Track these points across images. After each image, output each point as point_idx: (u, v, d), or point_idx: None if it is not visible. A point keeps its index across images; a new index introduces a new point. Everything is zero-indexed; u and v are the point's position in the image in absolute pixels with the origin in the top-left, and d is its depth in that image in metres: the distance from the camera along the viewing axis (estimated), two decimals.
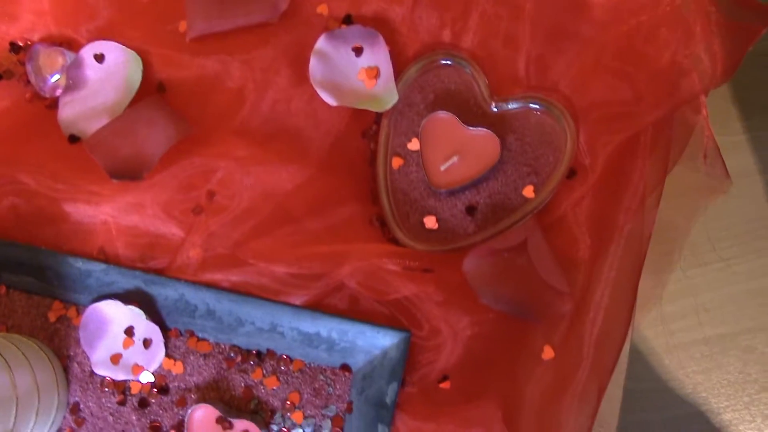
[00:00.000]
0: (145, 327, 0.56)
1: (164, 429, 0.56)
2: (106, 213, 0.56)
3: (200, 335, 0.57)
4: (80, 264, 0.57)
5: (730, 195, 1.15)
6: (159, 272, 0.57)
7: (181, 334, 0.57)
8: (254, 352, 0.56)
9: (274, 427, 0.55)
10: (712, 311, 1.15)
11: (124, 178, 0.54)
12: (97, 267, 0.57)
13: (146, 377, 0.56)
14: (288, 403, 0.55)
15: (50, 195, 0.56)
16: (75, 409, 0.57)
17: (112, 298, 0.56)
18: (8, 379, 0.51)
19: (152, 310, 0.56)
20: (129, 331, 0.57)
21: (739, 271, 1.16)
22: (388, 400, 0.53)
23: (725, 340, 1.15)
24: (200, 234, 0.55)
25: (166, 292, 0.56)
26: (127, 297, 0.56)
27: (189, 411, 0.54)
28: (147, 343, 0.56)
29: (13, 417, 0.51)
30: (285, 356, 0.56)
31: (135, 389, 0.57)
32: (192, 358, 0.57)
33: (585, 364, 0.52)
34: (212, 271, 0.55)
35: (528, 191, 0.55)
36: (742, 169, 1.18)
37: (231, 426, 0.54)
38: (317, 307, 0.55)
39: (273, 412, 0.55)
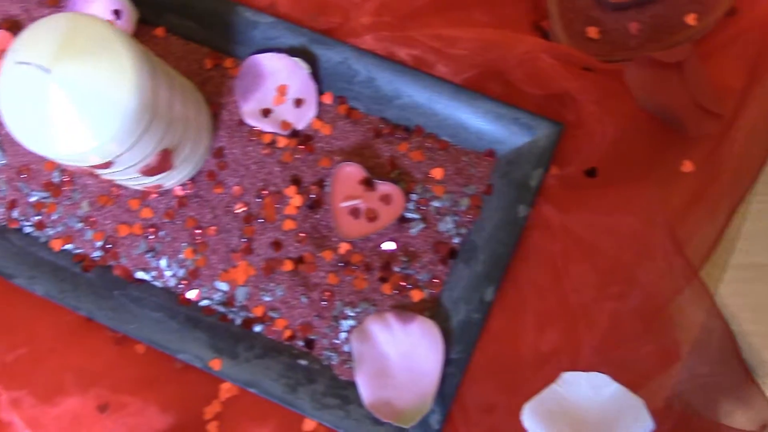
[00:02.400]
0: (300, 85, 0.58)
1: (304, 183, 0.58)
2: None
3: (352, 104, 0.59)
4: (249, 14, 0.58)
5: None
6: (326, 33, 0.58)
7: (334, 101, 0.59)
8: (403, 126, 0.59)
9: (414, 197, 0.57)
10: (751, 240, 1.20)
11: None
12: (265, 19, 0.58)
13: (294, 133, 0.58)
14: (430, 176, 0.57)
15: None
16: (219, 153, 0.59)
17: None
18: (180, 102, 0.53)
19: (311, 71, 0.58)
20: (282, 89, 0.58)
21: None
22: (532, 183, 0.55)
23: (760, 270, 1.20)
24: (374, 1, 0.57)
25: (329, 54, 0.58)
26: (289, 54, 0.58)
27: (338, 165, 0.57)
28: (299, 102, 0.58)
29: (179, 136, 0.53)
30: (433, 134, 0.58)
31: (281, 143, 0.59)
32: (341, 123, 0.59)
33: (720, 182, 0.55)
34: (379, 40, 0.57)
35: (690, 18, 0.57)
36: None
37: (373, 188, 0.57)
38: (476, 89, 0.57)
39: (414, 183, 0.57)
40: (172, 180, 0.57)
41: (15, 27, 0.61)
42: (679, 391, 0.51)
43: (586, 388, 0.50)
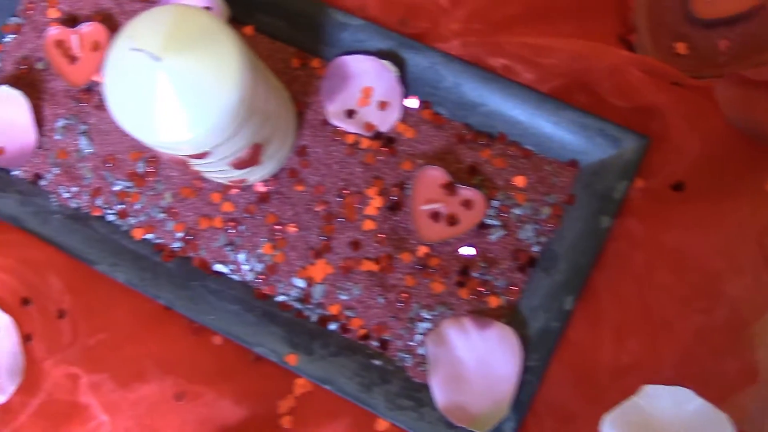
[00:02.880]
0: (386, 88, 0.59)
1: (386, 185, 0.58)
2: None
3: (437, 109, 0.59)
4: (339, 16, 0.59)
5: None
6: (414, 38, 0.59)
7: (419, 105, 0.59)
8: (486, 133, 0.59)
9: (495, 203, 0.57)
10: None
11: None
12: (355, 21, 0.59)
13: (377, 135, 0.58)
14: (512, 183, 0.58)
15: None
16: (302, 151, 0.60)
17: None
18: (274, 99, 0.53)
19: (398, 75, 0.59)
20: (367, 91, 0.59)
21: None
22: (616, 195, 0.55)
23: None
24: (464, 8, 0.57)
25: (417, 59, 0.58)
26: (376, 57, 0.59)
27: (420, 169, 0.57)
28: (384, 104, 0.59)
29: (270, 132, 0.54)
30: (516, 142, 0.58)
31: (364, 144, 0.59)
32: (424, 127, 0.59)
33: None
34: (466, 47, 0.58)
35: None
36: None
37: (455, 193, 0.57)
38: (562, 99, 0.57)
39: (496, 189, 0.58)
40: (255, 176, 0.58)
41: (107, 20, 0.63)
42: (759, 410, 0.50)
43: (668, 402, 0.50)
